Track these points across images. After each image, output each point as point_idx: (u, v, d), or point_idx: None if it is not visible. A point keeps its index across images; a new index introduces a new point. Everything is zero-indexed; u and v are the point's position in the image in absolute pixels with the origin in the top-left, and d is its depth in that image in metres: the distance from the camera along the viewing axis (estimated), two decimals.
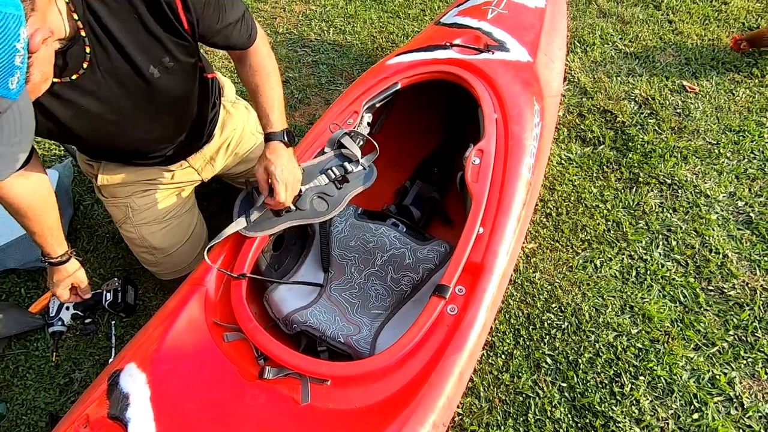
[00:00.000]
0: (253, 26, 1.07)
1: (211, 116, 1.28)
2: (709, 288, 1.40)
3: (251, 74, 1.09)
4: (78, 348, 1.41)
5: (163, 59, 0.95)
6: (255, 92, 1.10)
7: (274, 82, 1.11)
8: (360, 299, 1.17)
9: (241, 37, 1.04)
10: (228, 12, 0.99)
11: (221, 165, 1.37)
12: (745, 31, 2.15)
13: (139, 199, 1.26)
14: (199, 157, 1.30)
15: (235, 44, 1.04)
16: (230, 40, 1.03)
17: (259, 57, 1.09)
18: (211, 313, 0.97)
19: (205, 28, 0.96)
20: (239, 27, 1.03)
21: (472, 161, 1.11)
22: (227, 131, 1.33)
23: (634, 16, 2.27)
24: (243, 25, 1.03)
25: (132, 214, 1.27)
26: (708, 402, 1.19)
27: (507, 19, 1.52)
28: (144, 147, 1.14)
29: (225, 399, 0.85)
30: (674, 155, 1.71)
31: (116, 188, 1.25)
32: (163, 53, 0.94)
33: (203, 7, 0.92)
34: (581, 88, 1.98)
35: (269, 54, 1.11)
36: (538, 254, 1.51)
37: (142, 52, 0.91)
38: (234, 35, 1.03)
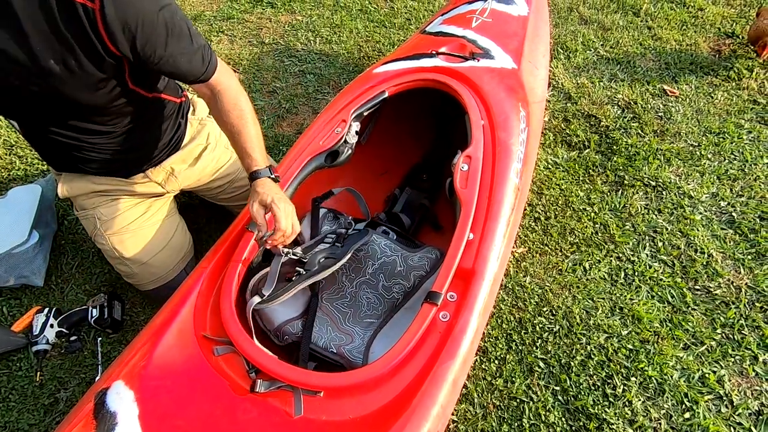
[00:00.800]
0: (211, 58, 1.03)
1: (173, 136, 1.26)
2: (696, 287, 1.42)
3: (225, 114, 1.06)
4: (63, 367, 1.37)
5: (68, 60, 0.89)
6: (232, 132, 1.06)
7: (251, 120, 1.07)
8: (352, 308, 1.17)
9: (194, 66, 1.00)
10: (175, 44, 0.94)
11: (190, 178, 1.34)
12: (721, 36, 2.21)
13: (105, 208, 1.25)
14: (160, 170, 1.28)
15: (189, 73, 1.00)
16: (179, 66, 0.98)
17: (229, 95, 1.06)
18: (201, 327, 0.95)
19: (145, 51, 0.91)
20: (192, 53, 0.98)
21: (461, 167, 1.12)
22: (193, 145, 1.32)
23: (614, 23, 2.32)
24: (197, 53, 0.99)
25: (100, 225, 1.26)
26: (699, 401, 1.20)
27: (491, 28, 1.54)
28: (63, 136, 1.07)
29: (216, 414, 0.83)
30: (657, 158, 1.75)
31: (82, 199, 1.25)
32: (69, 56, 0.88)
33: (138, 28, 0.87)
34: (565, 94, 2.01)
35: (240, 91, 1.08)
36: (528, 258, 1.52)
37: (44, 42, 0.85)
38: (183, 61, 0.98)
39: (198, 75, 1.02)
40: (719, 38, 2.20)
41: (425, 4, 2.53)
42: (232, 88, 1.07)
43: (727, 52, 2.12)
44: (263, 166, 1.05)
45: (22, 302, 1.52)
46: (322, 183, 1.47)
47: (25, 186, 1.65)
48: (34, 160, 1.91)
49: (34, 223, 1.52)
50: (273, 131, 2.01)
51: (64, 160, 1.16)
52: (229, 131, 1.07)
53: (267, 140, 1.95)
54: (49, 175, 1.79)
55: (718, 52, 2.14)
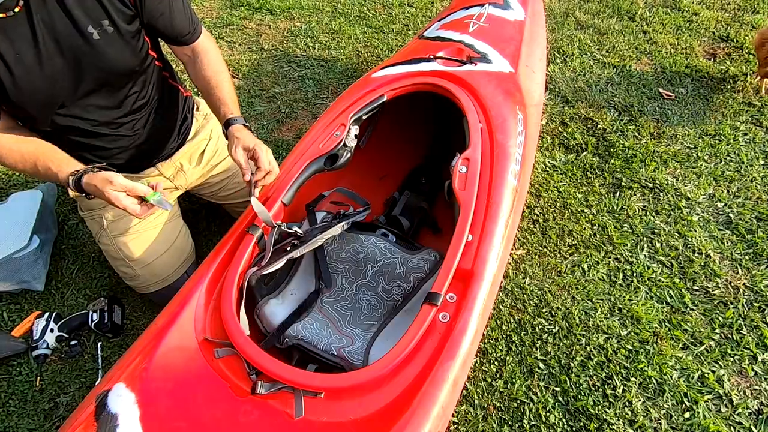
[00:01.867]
0: (198, 22, 1.14)
1: (181, 125, 1.32)
2: (694, 288, 1.43)
3: (202, 69, 1.15)
4: (63, 371, 1.37)
5: (103, 21, 0.96)
6: (208, 85, 1.14)
7: (226, 77, 1.16)
8: (352, 311, 1.17)
9: (185, 25, 1.10)
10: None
11: (195, 174, 1.37)
12: (715, 40, 2.23)
13: (113, 209, 1.26)
14: (169, 164, 1.31)
15: (179, 31, 1.10)
16: (174, 24, 1.07)
17: (210, 56, 1.16)
18: (201, 330, 0.96)
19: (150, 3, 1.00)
20: (184, 13, 1.09)
21: (459, 170, 1.13)
22: (198, 140, 1.36)
23: (610, 28, 2.34)
24: (187, 15, 1.10)
25: (107, 225, 1.27)
26: (698, 400, 1.21)
27: (488, 32, 1.56)
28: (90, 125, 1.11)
29: (217, 416, 0.83)
30: (654, 160, 1.76)
31: (91, 200, 1.25)
32: (103, 15, 0.96)
33: None
34: (563, 97, 2.03)
35: (218, 53, 1.18)
36: (527, 260, 1.53)
37: (81, 9, 0.92)
38: (178, 20, 1.08)
39: (187, 33, 1.12)
40: (714, 42, 2.23)
41: (423, 9, 2.56)
42: (212, 50, 1.17)
43: (721, 56, 2.15)
44: (238, 115, 1.10)
45: (22, 307, 1.52)
46: (322, 186, 1.48)
47: (26, 191, 1.66)
48: None
49: (34, 228, 1.52)
50: (273, 136, 2.03)
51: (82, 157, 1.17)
52: (205, 86, 1.14)
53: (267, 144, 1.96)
54: None
55: (713, 56, 2.16)
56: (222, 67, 1.17)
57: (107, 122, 1.13)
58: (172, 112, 1.27)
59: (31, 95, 0.97)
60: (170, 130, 1.28)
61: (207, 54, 1.16)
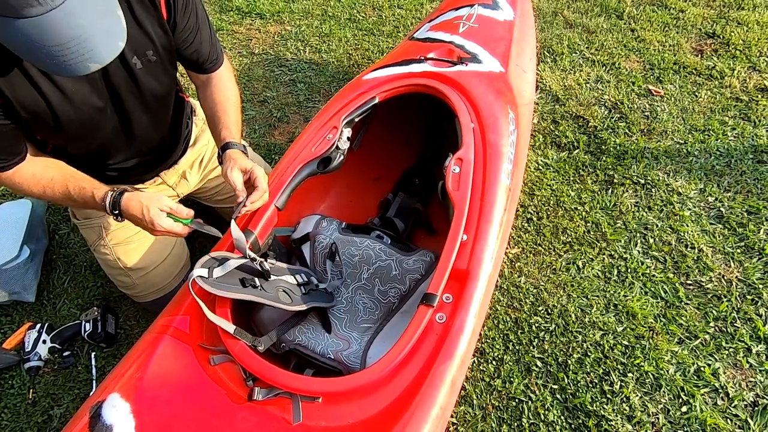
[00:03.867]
0: (221, 51, 1.13)
1: (185, 133, 1.30)
2: (688, 282, 1.44)
3: (213, 93, 1.13)
4: (57, 383, 1.35)
5: (147, 52, 0.98)
6: (215, 108, 1.12)
7: (234, 103, 1.13)
8: (348, 314, 1.16)
9: (210, 54, 1.09)
10: (203, 21, 1.05)
11: (195, 181, 1.37)
12: (702, 36, 2.26)
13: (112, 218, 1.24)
14: (173, 172, 1.30)
15: (203, 60, 1.09)
16: (200, 53, 1.07)
17: (223, 81, 1.15)
18: (196, 337, 0.95)
19: (181, 29, 1.01)
20: (209, 43, 1.08)
21: (452, 170, 1.13)
22: (199, 146, 1.35)
23: (598, 26, 2.36)
24: (212, 45, 1.09)
25: (105, 234, 1.25)
26: (695, 394, 1.21)
27: (478, 33, 1.56)
28: (120, 148, 1.12)
29: (214, 424, 0.83)
30: (645, 156, 1.77)
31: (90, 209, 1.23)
32: (149, 45, 0.97)
33: (183, 6, 0.98)
34: (553, 96, 2.04)
35: (233, 83, 1.16)
36: (522, 259, 1.54)
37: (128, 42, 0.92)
38: (203, 49, 1.07)
39: (209, 62, 1.11)
40: (701, 38, 2.25)
41: (413, 11, 2.57)
42: (227, 77, 1.16)
43: (708, 52, 2.17)
44: (237, 140, 1.07)
45: (13, 318, 1.50)
46: (316, 190, 1.48)
47: (15, 201, 1.64)
48: None
49: (24, 239, 1.51)
50: (265, 140, 2.02)
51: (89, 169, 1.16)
52: (211, 109, 1.12)
53: (259, 150, 1.96)
54: None
55: (700, 52, 2.19)
56: (233, 93, 1.15)
57: (126, 138, 1.12)
58: (179, 121, 1.27)
59: (75, 130, 0.98)
60: (177, 139, 1.28)
61: (222, 80, 1.15)
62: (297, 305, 1.03)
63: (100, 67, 0.75)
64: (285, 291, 1.05)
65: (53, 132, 0.97)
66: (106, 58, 0.74)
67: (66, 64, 0.71)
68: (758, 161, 1.73)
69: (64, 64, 0.72)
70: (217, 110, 1.11)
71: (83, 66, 0.73)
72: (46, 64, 0.73)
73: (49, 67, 0.74)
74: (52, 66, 0.72)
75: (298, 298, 1.06)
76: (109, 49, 0.75)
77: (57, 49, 0.70)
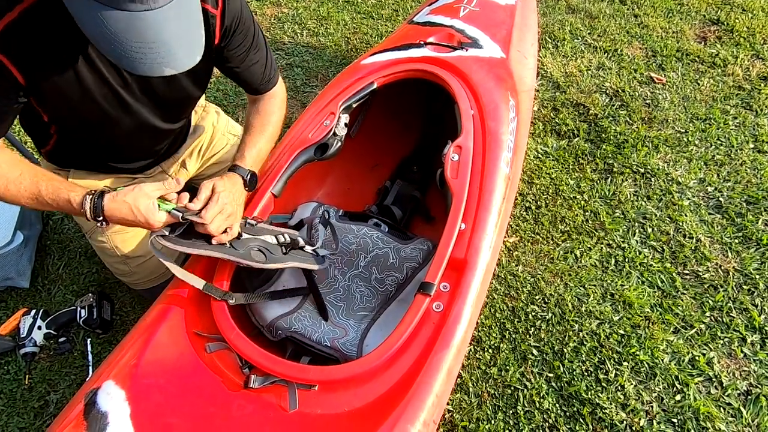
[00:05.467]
0: (274, 75, 1.12)
1: (188, 122, 1.27)
2: (685, 272, 1.44)
3: (253, 114, 1.13)
4: (53, 368, 1.35)
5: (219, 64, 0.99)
6: (247, 130, 1.11)
7: (269, 134, 1.11)
8: (345, 302, 1.16)
9: (262, 77, 1.08)
10: (257, 45, 1.04)
11: (194, 168, 1.35)
12: (706, 23, 2.23)
13: None
14: (172, 161, 1.28)
15: (255, 82, 1.08)
16: (252, 74, 1.07)
17: (269, 105, 1.13)
18: (192, 324, 0.94)
19: (233, 52, 1.00)
20: (264, 65, 1.07)
21: (451, 158, 1.11)
22: (198, 133, 1.32)
23: (601, 12, 2.32)
24: (266, 68, 1.08)
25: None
26: (689, 383, 1.22)
27: (479, 17, 1.53)
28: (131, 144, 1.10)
29: (210, 411, 0.82)
30: (646, 145, 1.76)
31: None
32: None
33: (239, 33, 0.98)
34: (554, 83, 2.01)
35: (280, 108, 1.15)
36: (519, 247, 1.53)
37: None
38: (255, 71, 1.06)
39: (259, 85, 1.10)
40: (704, 25, 2.22)
41: None
42: (274, 103, 1.14)
43: (712, 39, 2.14)
44: (246, 167, 1.04)
45: (8, 305, 1.49)
46: (313, 176, 1.46)
47: None
48: None
49: (17, 224, 1.49)
50: None
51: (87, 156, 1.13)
52: (246, 127, 1.12)
53: None
54: None
55: (703, 39, 2.16)
56: (275, 119, 1.13)
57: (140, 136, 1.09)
58: (189, 118, 1.26)
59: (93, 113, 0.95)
60: (186, 129, 1.26)
61: (267, 104, 1.13)
62: (272, 263, 0.98)
63: (174, 73, 0.74)
64: (260, 250, 0.99)
65: (71, 118, 0.94)
66: (181, 66, 0.74)
67: (141, 62, 0.70)
68: (758, 151, 1.71)
69: (138, 61, 0.70)
70: (249, 133, 1.10)
71: (158, 68, 0.72)
72: (120, 57, 0.70)
73: (122, 61, 0.71)
74: (126, 60, 0.70)
75: (276, 257, 1.01)
76: (187, 59, 0.74)
77: (138, 45, 0.69)
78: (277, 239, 1.05)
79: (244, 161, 1.05)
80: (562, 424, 1.18)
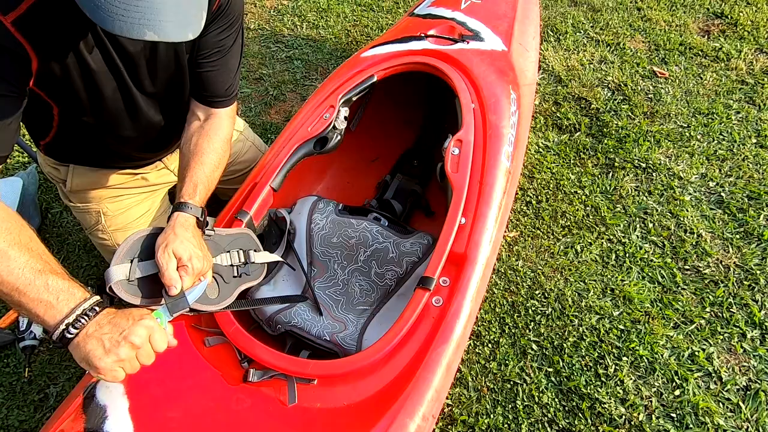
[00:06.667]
0: (235, 92, 1.04)
1: None
2: (686, 267, 1.43)
3: (200, 135, 0.99)
4: (52, 362, 1.35)
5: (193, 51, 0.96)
6: (192, 154, 0.96)
7: (216, 162, 0.97)
8: (344, 296, 1.16)
9: (222, 85, 1.00)
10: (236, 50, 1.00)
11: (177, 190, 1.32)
12: (710, 16, 2.20)
13: (112, 204, 1.21)
14: (174, 156, 1.26)
15: (216, 90, 1.00)
16: (216, 79, 0.99)
17: (219, 127, 1.00)
18: (191, 318, 0.94)
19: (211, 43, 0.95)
20: (232, 77, 1.01)
21: (452, 152, 1.10)
22: None
23: (604, 4, 2.30)
24: (232, 81, 1.02)
25: (105, 220, 1.22)
26: (688, 378, 1.22)
27: (480, 9, 1.51)
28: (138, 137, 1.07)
29: (209, 405, 0.82)
30: (647, 139, 1.75)
31: (87, 194, 1.20)
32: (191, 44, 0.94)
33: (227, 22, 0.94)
34: (556, 77, 2.00)
35: (228, 135, 1.03)
36: (520, 242, 1.53)
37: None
38: (222, 77, 1.00)
39: (218, 97, 1.02)
40: (708, 19, 2.20)
41: None
42: (225, 126, 1.02)
43: (716, 33, 2.12)
44: (198, 204, 0.91)
45: None
46: (312, 170, 1.45)
47: (5, 179, 1.60)
48: (14, 153, 1.85)
49: None
50: (260, 119, 1.98)
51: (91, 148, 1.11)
52: (190, 151, 0.97)
53: (255, 129, 1.92)
54: (30, 167, 1.74)
55: (707, 33, 2.14)
56: (222, 146, 0.99)
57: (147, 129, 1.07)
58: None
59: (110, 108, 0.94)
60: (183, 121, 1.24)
61: (218, 126, 1.01)
62: (222, 300, 0.91)
63: (157, 41, 0.67)
64: (214, 277, 0.92)
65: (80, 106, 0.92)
66: (167, 35, 0.66)
67: (121, 18, 0.62)
68: (761, 146, 1.70)
69: (117, 17, 0.62)
70: (194, 159, 0.95)
71: (138, 29, 0.63)
72: (95, 9, 0.63)
73: (97, 13, 0.63)
74: (101, 14, 0.63)
75: (226, 288, 0.93)
76: (176, 31, 0.67)
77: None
78: (230, 258, 0.97)
79: (194, 195, 0.91)
80: (561, 419, 1.19)
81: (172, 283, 0.80)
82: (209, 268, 0.89)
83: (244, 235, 1.03)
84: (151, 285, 0.84)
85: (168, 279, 0.80)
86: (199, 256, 0.85)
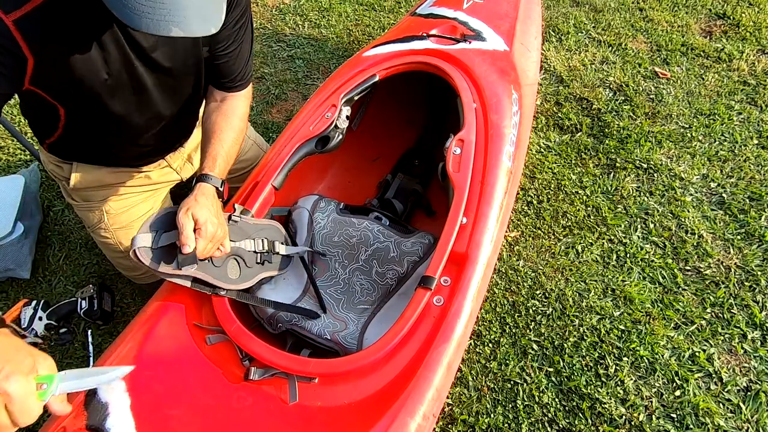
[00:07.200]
0: (250, 75, 1.08)
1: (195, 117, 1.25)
2: (687, 268, 1.43)
3: (221, 116, 1.04)
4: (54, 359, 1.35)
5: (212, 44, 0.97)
6: (211, 131, 1.02)
7: (235, 139, 1.04)
8: (345, 295, 1.16)
9: (240, 73, 1.05)
10: (247, 37, 1.02)
11: (198, 162, 1.33)
12: (712, 17, 2.20)
13: (115, 202, 1.22)
14: (178, 155, 1.26)
15: (231, 76, 1.04)
16: (231, 66, 1.03)
17: (236, 108, 1.07)
18: (192, 316, 0.94)
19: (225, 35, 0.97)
20: (246, 61, 1.04)
21: (453, 151, 1.10)
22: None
23: (606, 5, 2.30)
24: (246, 66, 1.05)
25: (107, 219, 1.22)
26: (689, 379, 1.22)
27: (482, 9, 1.51)
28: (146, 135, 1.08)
29: (210, 403, 0.83)
30: (649, 140, 1.75)
31: (90, 192, 1.20)
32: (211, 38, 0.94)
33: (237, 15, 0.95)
34: (557, 77, 2.00)
35: (245, 114, 1.10)
36: (521, 242, 1.53)
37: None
38: (237, 64, 1.03)
39: (234, 81, 1.06)
40: (710, 19, 2.19)
41: None
42: (242, 106, 1.08)
43: (718, 34, 2.12)
44: (217, 176, 0.98)
45: (8, 295, 1.49)
46: (314, 169, 1.45)
47: (7, 177, 1.61)
48: (15, 150, 1.86)
49: (18, 215, 1.49)
50: (262, 118, 1.98)
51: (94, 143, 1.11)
52: (209, 129, 1.04)
53: (257, 128, 1.92)
54: (32, 165, 1.74)
55: (709, 34, 2.13)
56: (238, 124, 1.06)
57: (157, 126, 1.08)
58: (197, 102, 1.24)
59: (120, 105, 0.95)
60: (190, 122, 1.24)
61: (235, 107, 1.07)
62: (244, 281, 0.97)
63: (182, 36, 0.69)
64: (236, 260, 0.97)
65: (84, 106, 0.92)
66: (192, 30, 0.69)
67: (148, 16, 0.66)
68: (762, 147, 1.70)
69: (145, 15, 0.66)
70: (214, 136, 1.02)
71: (165, 26, 0.67)
72: (123, 8, 0.66)
73: (125, 11, 0.66)
74: (129, 12, 0.66)
75: (248, 272, 0.98)
76: (200, 25, 0.70)
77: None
78: (254, 245, 1.01)
79: (215, 170, 0.98)
80: (561, 419, 1.19)
81: (186, 242, 0.85)
82: (224, 236, 0.92)
83: (273, 227, 1.08)
84: (171, 254, 0.89)
85: (184, 237, 0.86)
86: (214, 222, 0.89)
